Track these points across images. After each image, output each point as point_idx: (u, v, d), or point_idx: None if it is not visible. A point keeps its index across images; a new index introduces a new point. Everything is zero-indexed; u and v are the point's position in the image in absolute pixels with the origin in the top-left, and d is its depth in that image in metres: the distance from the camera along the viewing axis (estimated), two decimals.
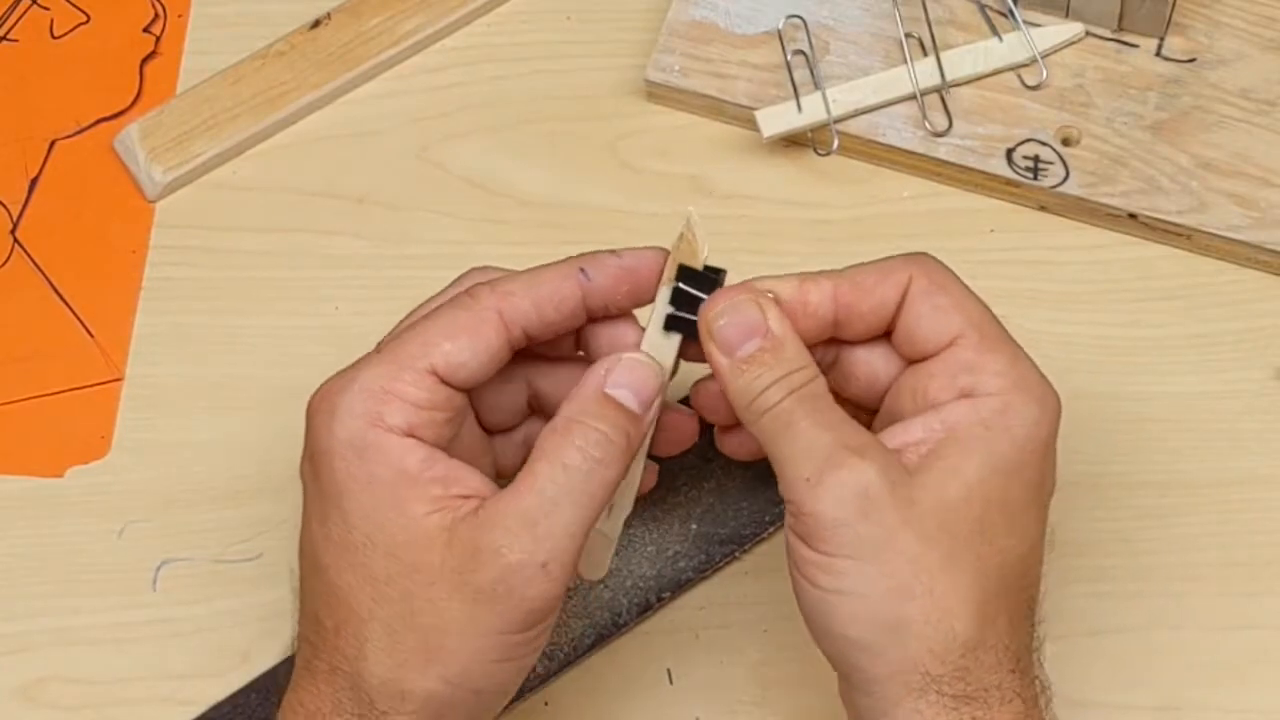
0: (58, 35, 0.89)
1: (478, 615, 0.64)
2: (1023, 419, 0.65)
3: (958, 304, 0.66)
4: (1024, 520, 0.65)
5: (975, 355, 0.65)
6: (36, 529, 0.80)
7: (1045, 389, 0.66)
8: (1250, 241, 0.80)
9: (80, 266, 0.84)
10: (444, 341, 0.66)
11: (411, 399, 0.65)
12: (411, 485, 0.64)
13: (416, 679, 0.64)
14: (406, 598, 0.64)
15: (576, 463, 0.64)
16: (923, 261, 0.67)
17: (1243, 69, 0.83)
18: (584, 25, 0.88)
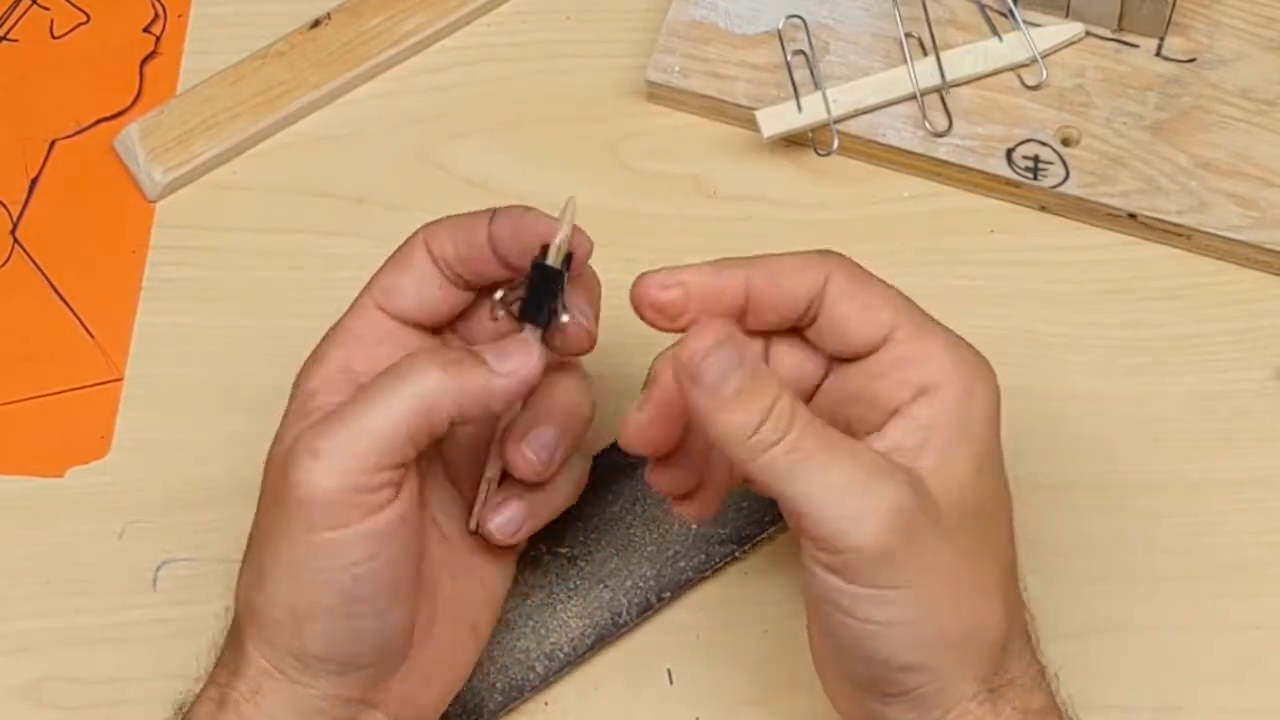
0: (58, 35, 0.89)
1: (276, 520, 0.65)
2: (980, 398, 0.65)
3: (884, 299, 0.66)
4: (1004, 498, 0.66)
5: (913, 347, 0.65)
6: (36, 529, 0.80)
7: (982, 364, 0.66)
8: (1250, 241, 0.80)
9: (80, 266, 0.84)
10: (381, 275, 0.70)
11: (355, 329, 0.69)
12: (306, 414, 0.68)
13: (248, 592, 0.67)
14: (258, 523, 0.67)
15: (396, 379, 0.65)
16: (838, 260, 0.67)
17: (1243, 69, 0.83)
18: (584, 25, 0.88)
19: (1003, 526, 0.66)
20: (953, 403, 0.64)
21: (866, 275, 0.67)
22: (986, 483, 0.65)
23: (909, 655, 0.63)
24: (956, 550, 0.63)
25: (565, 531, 0.76)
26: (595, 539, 0.77)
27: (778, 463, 0.62)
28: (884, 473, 0.62)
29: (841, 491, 0.62)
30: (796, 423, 0.62)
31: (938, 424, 0.64)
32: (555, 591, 0.76)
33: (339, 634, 0.66)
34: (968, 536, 0.64)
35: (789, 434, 0.62)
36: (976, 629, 0.63)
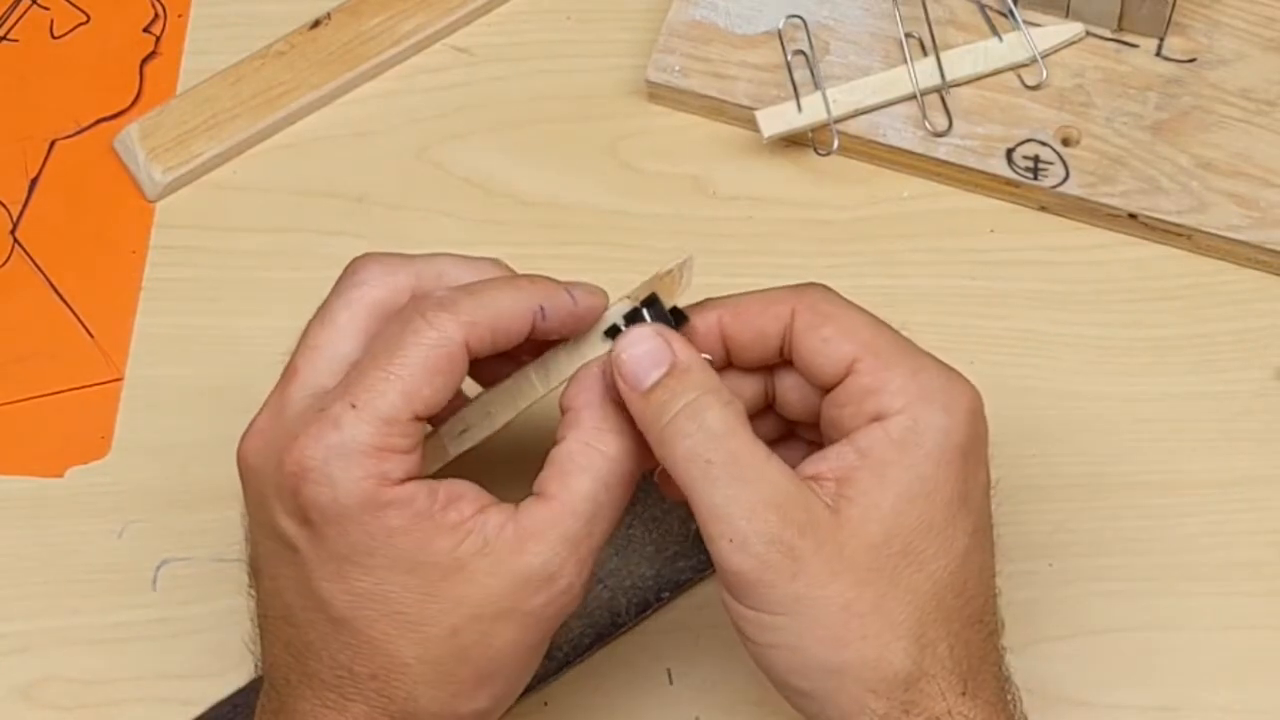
0: (58, 35, 0.89)
1: (527, 636, 0.65)
2: (932, 430, 0.64)
3: (845, 331, 0.65)
4: (950, 535, 0.64)
5: (875, 377, 0.65)
6: (36, 529, 0.80)
7: (951, 393, 0.65)
8: (1250, 241, 0.80)
9: (80, 266, 0.84)
10: (424, 388, 0.64)
11: (404, 449, 0.64)
12: (430, 523, 0.64)
13: (467, 703, 0.65)
14: (453, 634, 0.64)
15: (606, 476, 0.65)
16: (805, 294, 0.67)
17: (1243, 69, 0.83)
18: (584, 25, 0.88)
19: (935, 561, 0.64)
20: (895, 433, 0.64)
21: (834, 306, 0.66)
22: (916, 517, 0.63)
23: (796, 679, 0.64)
24: (854, 590, 0.63)
25: None
26: None
27: (684, 467, 0.64)
28: (777, 507, 0.63)
29: (729, 515, 0.63)
30: (705, 429, 0.63)
31: (873, 451, 0.64)
32: None
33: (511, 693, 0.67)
34: (875, 571, 0.63)
35: (695, 436, 0.63)
36: (869, 664, 0.63)
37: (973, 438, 0.65)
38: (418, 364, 0.64)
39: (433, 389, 0.64)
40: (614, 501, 0.65)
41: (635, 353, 0.65)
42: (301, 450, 0.64)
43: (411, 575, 0.64)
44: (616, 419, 0.66)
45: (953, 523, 0.64)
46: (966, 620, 0.65)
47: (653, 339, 0.65)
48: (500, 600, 0.64)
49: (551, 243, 0.83)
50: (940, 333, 0.80)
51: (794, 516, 0.63)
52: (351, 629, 0.65)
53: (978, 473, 0.66)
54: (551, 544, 0.64)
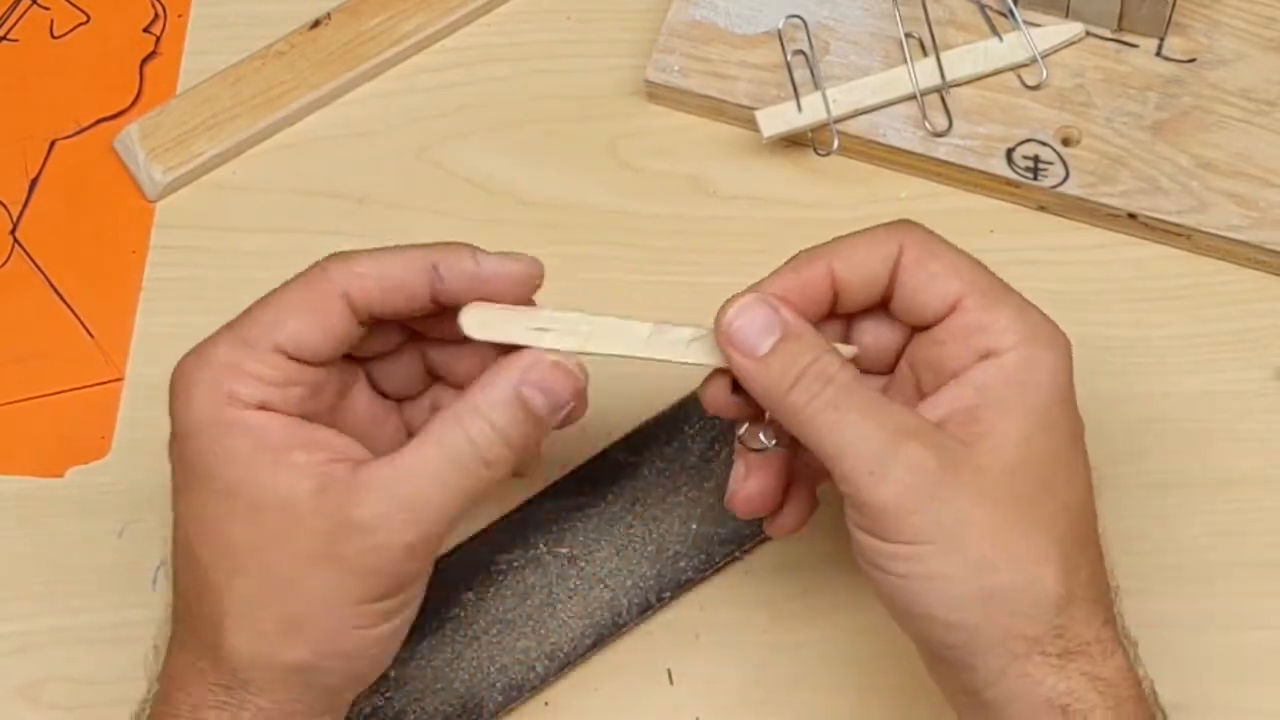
0: (58, 35, 0.89)
1: (341, 583, 0.64)
2: (1045, 367, 0.65)
3: (952, 267, 0.66)
4: (1075, 466, 0.65)
5: (982, 315, 0.66)
6: (36, 529, 0.80)
7: (1055, 333, 0.66)
8: (1250, 241, 0.80)
9: (80, 266, 0.84)
10: (290, 320, 0.66)
11: (261, 375, 0.65)
12: (273, 454, 0.64)
13: (279, 649, 0.65)
14: (266, 568, 0.64)
15: (466, 459, 0.64)
16: (909, 229, 0.67)
17: (1243, 69, 0.83)
18: (584, 25, 0.88)
19: (1067, 491, 0.65)
20: (1011, 369, 0.65)
21: (938, 243, 0.67)
22: (1045, 447, 0.64)
23: (943, 610, 0.63)
24: (998, 511, 0.63)
25: (565, 531, 0.76)
26: (595, 539, 0.77)
27: (813, 420, 0.64)
28: (913, 434, 0.63)
29: (867, 449, 0.63)
30: (833, 384, 0.64)
31: (992, 387, 0.64)
32: (555, 591, 0.76)
33: (381, 660, 0.67)
34: (1015, 498, 0.63)
35: (823, 393, 0.64)
36: (1021, 588, 0.63)
37: (1071, 377, 0.66)
38: (290, 299, 0.66)
39: (299, 324, 0.65)
40: (465, 484, 0.64)
41: (746, 320, 0.65)
42: (178, 366, 0.66)
43: (241, 500, 0.64)
44: (508, 412, 0.65)
45: (1075, 453, 0.65)
46: (1097, 552, 0.66)
47: (760, 306, 0.66)
48: (313, 541, 0.63)
49: (551, 242, 0.83)
50: None
51: (934, 444, 0.63)
52: (188, 549, 0.65)
53: (1078, 415, 0.66)
54: (380, 498, 0.63)
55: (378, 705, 0.74)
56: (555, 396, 0.66)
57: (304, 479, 0.64)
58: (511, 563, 0.76)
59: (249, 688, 0.65)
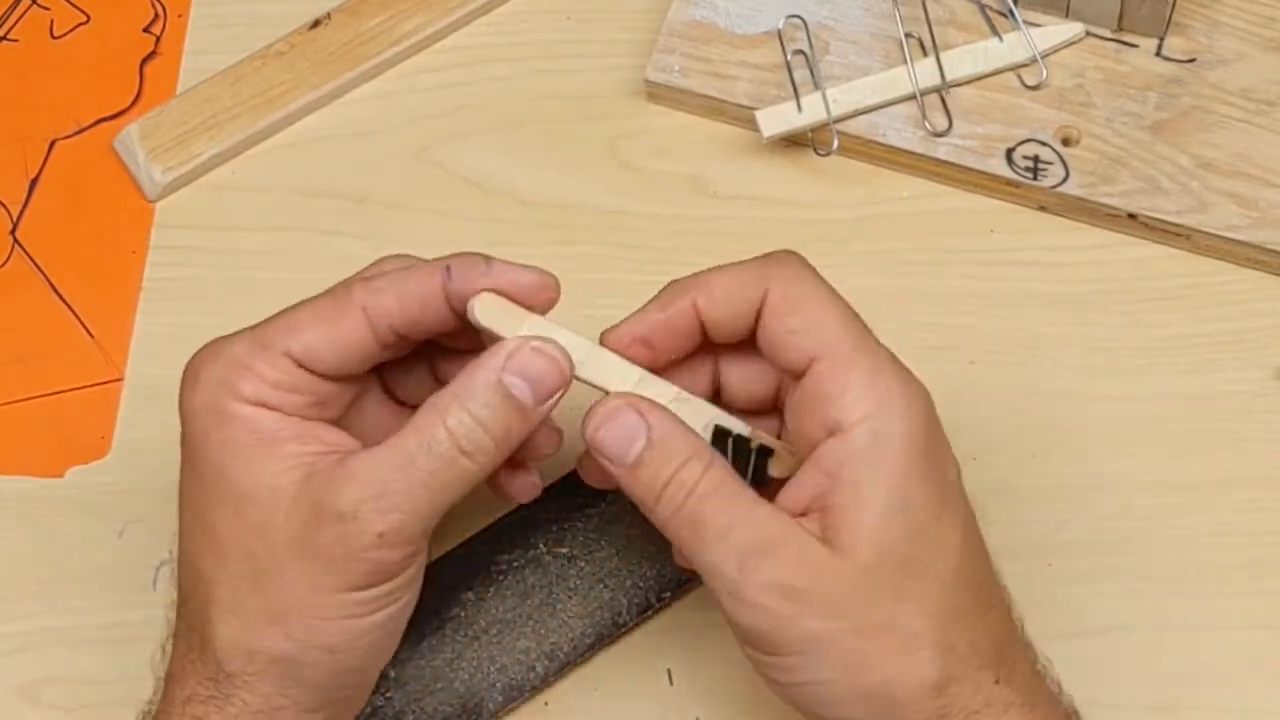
0: (58, 35, 0.89)
1: (316, 573, 0.64)
2: (894, 439, 0.63)
3: (810, 325, 0.65)
4: (942, 535, 0.64)
5: (831, 383, 0.64)
6: (36, 529, 0.80)
7: (908, 396, 0.64)
8: (1250, 241, 0.80)
9: (80, 266, 0.84)
10: (306, 329, 0.66)
11: (267, 377, 0.66)
12: (266, 444, 0.65)
13: (261, 639, 0.65)
14: (249, 558, 0.64)
15: (443, 448, 0.64)
16: (779, 270, 0.66)
17: (1243, 69, 0.83)
18: (584, 25, 0.88)
19: (935, 562, 0.64)
20: (858, 448, 0.63)
21: (805, 288, 0.66)
22: (904, 528, 0.63)
23: (828, 710, 0.64)
24: (861, 611, 0.63)
25: (565, 531, 0.76)
26: (595, 539, 0.77)
27: (677, 537, 0.64)
28: (765, 549, 0.63)
29: (724, 572, 0.63)
30: (693, 496, 0.64)
31: (841, 471, 0.63)
32: (555, 591, 0.76)
33: (372, 667, 0.67)
34: (879, 594, 0.63)
35: (684, 507, 0.64)
36: (895, 682, 0.63)
37: (932, 436, 0.65)
38: (309, 309, 0.66)
39: (314, 335, 0.66)
40: (440, 473, 0.64)
41: (610, 431, 0.65)
42: (193, 356, 0.67)
43: (229, 489, 0.64)
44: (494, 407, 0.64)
45: (940, 522, 0.64)
46: (980, 610, 0.65)
47: (626, 413, 0.65)
48: (292, 530, 0.64)
49: (551, 242, 0.83)
50: (940, 333, 0.81)
51: (787, 558, 0.63)
52: (183, 539, 0.66)
53: (945, 467, 0.65)
54: (355, 486, 0.63)
55: (378, 705, 0.74)
56: (539, 384, 0.65)
57: (291, 469, 0.64)
58: (511, 563, 0.76)
59: (234, 680, 0.65)
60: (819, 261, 0.82)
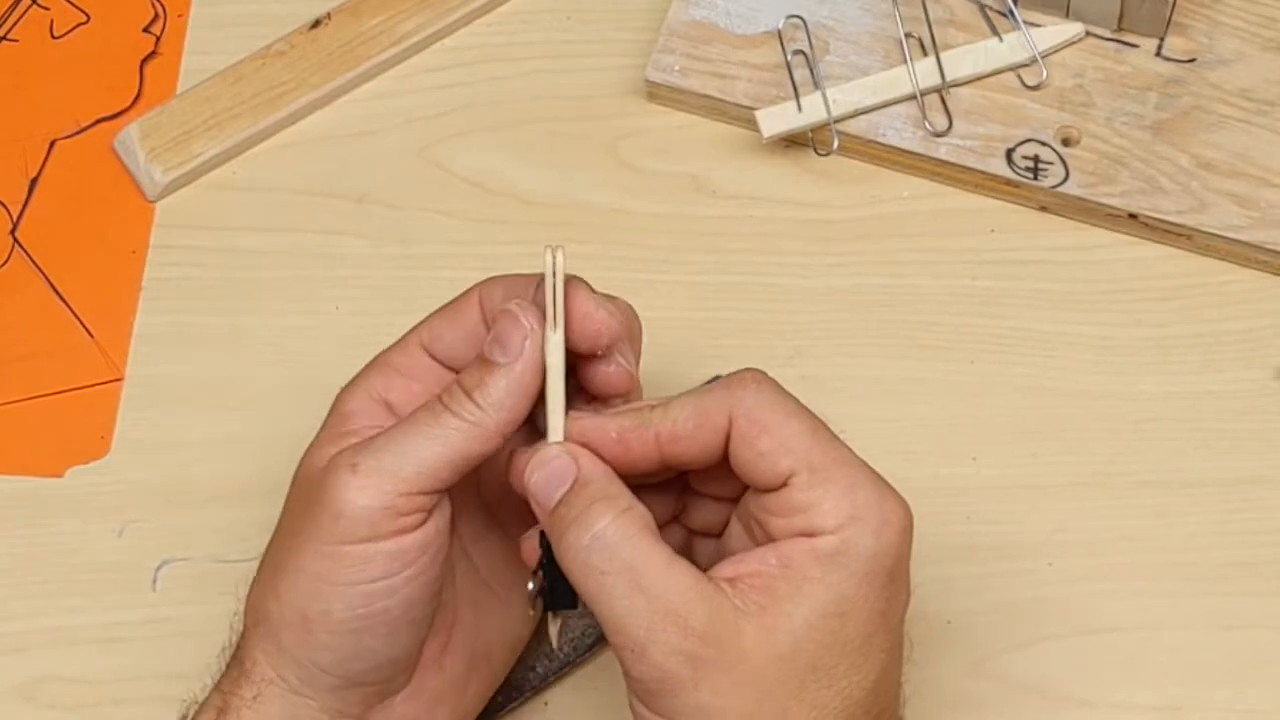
0: (58, 35, 0.89)
1: (303, 528, 0.66)
2: (861, 553, 0.62)
3: (781, 444, 0.63)
4: (866, 653, 0.63)
5: (807, 494, 0.63)
6: (36, 529, 0.80)
7: (884, 513, 0.63)
8: (1250, 241, 0.80)
9: (80, 266, 0.84)
10: (434, 318, 0.69)
11: (394, 363, 0.69)
12: (344, 434, 0.67)
13: (261, 596, 0.67)
14: (280, 527, 0.68)
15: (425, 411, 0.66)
16: (740, 394, 0.65)
17: (1243, 69, 0.83)
18: (584, 25, 0.88)
19: (847, 679, 0.63)
20: (822, 551, 0.62)
21: (770, 412, 0.64)
22: (832, 634, 0.62)
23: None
24: (758, 695, 0.62)
25: None
26: None
27: (584, 582, 0.63)
28: (677, 618, 0.62)
29: (629, 623, 0.62)
30: (608, 544, 0.63)
31: (795, 564, 0.63)
32: None
33: (345, 647, 0.66)
34: (782, 683, 0.62)
35: (595, 553, 0.63)
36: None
37: (899, 559, 0.63)
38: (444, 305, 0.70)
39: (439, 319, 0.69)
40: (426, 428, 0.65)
41: (543, 474, 0.65)
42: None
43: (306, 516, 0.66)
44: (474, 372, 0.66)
45: (870, 642, 0.63)
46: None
47: (560, 457, 0.65)
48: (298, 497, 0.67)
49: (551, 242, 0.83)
50: (940, 333, 0.81)
51: (695, 625, 0.62)
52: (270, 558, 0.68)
53: (899, 593, 0.64)
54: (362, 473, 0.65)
55: None
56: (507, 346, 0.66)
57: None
58: None
59: (244, 644, 0.67)
60: (819, 261, 0.83)
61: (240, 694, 0.67)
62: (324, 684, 0.67)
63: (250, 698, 0.67)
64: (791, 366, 0.80)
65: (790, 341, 0.81)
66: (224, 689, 0.67)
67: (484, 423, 0.65)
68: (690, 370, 0.79)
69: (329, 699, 0.67)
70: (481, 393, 0.65)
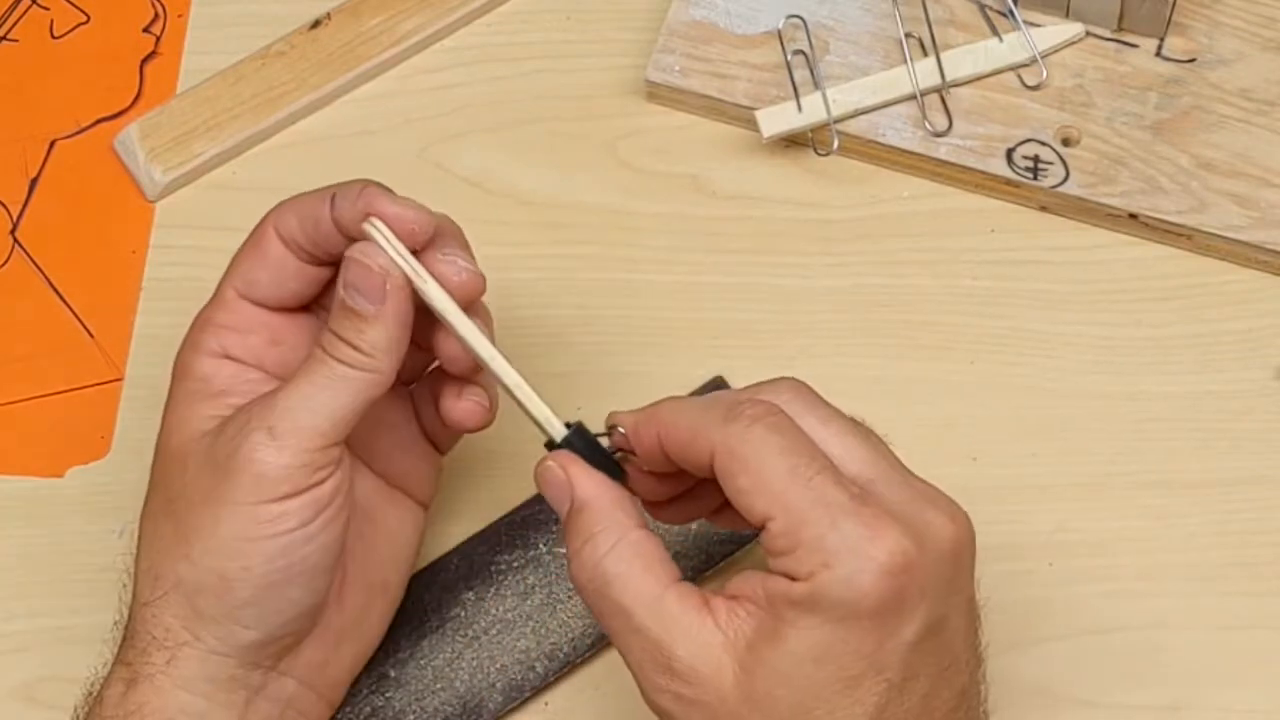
0: (58, 35, 0.89)
1: (216, 485, 0.67)
2: (831, 602, 0.61)
3: (759, 484, 0.62)
4: (854, 694, 0.62)
5: (781, 540, 0.62)
6: (36, 529, 0.80)
7: (862, 556, 0.61)
8: (1250, 241, 0.80)
9: (80, 266, 0.84)
10: (239, 263, 0.72)
11: (224, 323, 0.71)
12: (210, 394, 0.70)
13: (167, 562, 0.68)
14: (168, 488, 0.69)
15: (316, 362, 0.68)
16: (727, 433, 0.63)
17: (1243, 69, 0.83)
18: (584, 25, 0.88)
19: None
20: (798, 596, 0.61)
21: (749, 448, 0.63)
22: (805, 679, 0.62)
23: None
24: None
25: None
26: None
27: (592, 603, 0.65)
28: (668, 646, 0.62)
29: (631, 654, 0.64)
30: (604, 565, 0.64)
31: (774, 605, 0.62)
32: (555, 591, 0.76)
33: (266, 600, 0.68)
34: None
35: (595, 573, 0.64)
36: None
37: (890, 597, 0.61)
38: (242, 248, 0.72)
39: (247, 263, 0.71)
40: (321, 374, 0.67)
41: (549, 490, 0.66)
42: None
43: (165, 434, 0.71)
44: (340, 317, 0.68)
45: (856, 684, 0.62)
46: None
47: (556, 473, 0.66)
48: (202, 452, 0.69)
49: (551, 242, 0.83)
50: (940, 333, 0.81)
51: (677, 665, 0.62)
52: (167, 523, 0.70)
53: (895, 631, 0.62)
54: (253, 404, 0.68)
55: (378, 705, 0.74)
56: (365, 290, 0.67)
57: (221, 414, 0.69)
58: (511, 563, 0.76)
59: (144, 615, 0.68)
60: (819, 261, 0.83)
61: (151, 660, 0.68)
62: (243, 640, 0.68)
63: (163, 663, 0.68)
64: (791, 367, 0.79)
65: (790, 341, 0.81)
66: (128, 660, 0.68)
67: (378, 368, 0.68)
68: (690, 370, 0.79)
69: (247, 654, 0.68)
70: (365, 340, 0.67)
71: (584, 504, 0.65)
